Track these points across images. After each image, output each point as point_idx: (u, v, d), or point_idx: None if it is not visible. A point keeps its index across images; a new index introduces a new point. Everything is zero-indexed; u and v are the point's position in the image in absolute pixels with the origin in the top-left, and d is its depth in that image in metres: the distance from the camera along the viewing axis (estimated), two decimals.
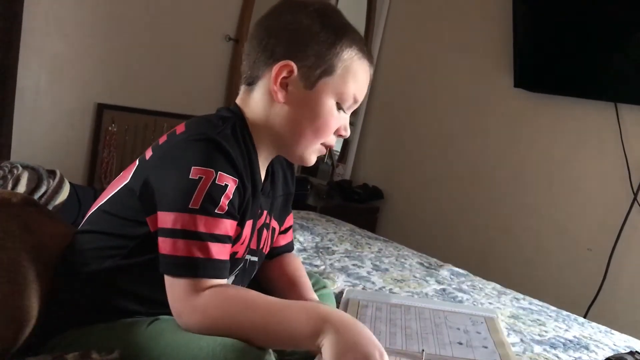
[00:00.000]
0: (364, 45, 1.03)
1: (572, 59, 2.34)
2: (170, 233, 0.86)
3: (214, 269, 0.87)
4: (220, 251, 0.87)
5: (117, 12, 2.85)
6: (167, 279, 0.87)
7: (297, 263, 1.20)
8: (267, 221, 1.08)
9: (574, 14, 2.30)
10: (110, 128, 2.90)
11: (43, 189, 1.48)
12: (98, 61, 2.85)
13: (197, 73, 3.14)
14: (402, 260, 1.89)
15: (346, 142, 3.29)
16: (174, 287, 0.86)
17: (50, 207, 1.46)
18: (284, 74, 0.97)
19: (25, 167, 1.53)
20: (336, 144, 3.70)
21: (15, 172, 1.48)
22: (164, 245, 0.86)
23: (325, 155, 3.29)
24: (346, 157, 3.27)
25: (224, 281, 0.89)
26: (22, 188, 1.44)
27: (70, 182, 1.59)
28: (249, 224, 0.98)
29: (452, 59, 2.86)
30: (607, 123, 2.30)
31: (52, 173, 1.56)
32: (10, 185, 1.44)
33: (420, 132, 2.99)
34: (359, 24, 3.23)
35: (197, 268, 0.85)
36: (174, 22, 3.02)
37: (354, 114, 3.30)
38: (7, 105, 2.51)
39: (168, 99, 3.06)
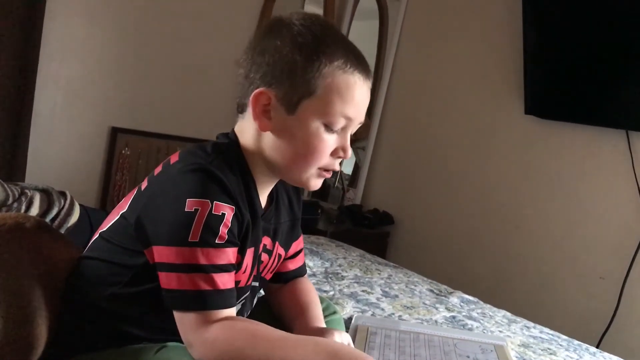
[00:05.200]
0: (352, 57, 0.93)
1: (583, 86, 2.34)
2: (173, 268, 0.85)
3: (222, 299, 0.86)
4: (225, 281, 0.87)
5: (132, 37, 2.91)
6: (176, 313, 0.87)
7: (309, 289, 1.17)
8: (270, 247, 1.06)
9: (585, 41, 2.31)
10: (123, 151, 2.93)
11: (55, 211, 1.50)
12: (112, 85, 2.89)
13: (211, 97, 3.17)
14: (412, 286, 1.88)
15: (357, 167, 3.30)
16: (184, 320, 0.86)
17: (62, 230, 1.48)
18: (264, 101, 0.93)
19: (37, 189, 1.55)
20: (346, 169, 3.64)
21: (29, 194, 1.50)
22: (168, 280, 0.86)
23: (335, 180, 3.29)
24: (357, 181, 3.28)
25: (233, 310, 0.89)
26: (35, 210, 1.46)
27: (81, 205, 1.60)
28: (250, 252, 0.96)
29: (463, 86, 2.87)
30: (618, 150, 2.29)
31: (62, 194, 1.58)
32: (23, 208, 1.45)
33: (431, 158, 2.99)
34: (370, 52, 3.26)
35: (205, 301, 0.85)
36: (188, 47, 3.07)
37: (365, 139, 3.34)
38: (23, 128, 2.55)
39: (181, 123, 3.09)
